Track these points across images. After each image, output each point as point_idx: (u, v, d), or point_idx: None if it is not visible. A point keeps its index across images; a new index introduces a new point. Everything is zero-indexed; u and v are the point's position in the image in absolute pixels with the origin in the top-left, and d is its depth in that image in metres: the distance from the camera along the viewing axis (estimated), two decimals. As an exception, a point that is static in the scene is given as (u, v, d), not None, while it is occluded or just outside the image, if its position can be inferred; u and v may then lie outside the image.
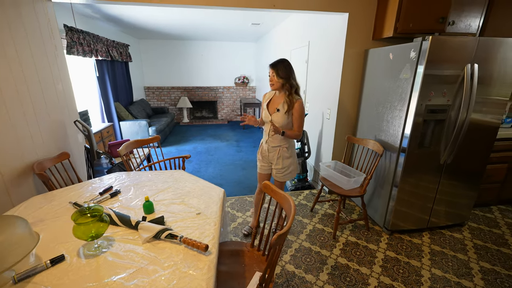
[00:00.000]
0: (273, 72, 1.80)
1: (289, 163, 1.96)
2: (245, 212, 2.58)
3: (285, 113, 1.81)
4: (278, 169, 1.98)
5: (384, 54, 2.17)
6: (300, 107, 1.80)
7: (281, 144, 1.92)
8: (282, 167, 1.96)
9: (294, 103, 1.79)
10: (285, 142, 1.92)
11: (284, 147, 1.93)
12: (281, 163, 1.95)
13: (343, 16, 2.41)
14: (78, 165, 2.24)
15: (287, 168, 1.97)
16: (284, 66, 1.80)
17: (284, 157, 1.94)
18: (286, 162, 1.95)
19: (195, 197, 1.43)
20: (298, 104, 1.80)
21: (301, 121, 1.84)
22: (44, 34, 1.88)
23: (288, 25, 4.14)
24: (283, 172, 1.98)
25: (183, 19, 4.34)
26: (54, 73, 1.98)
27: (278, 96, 1.90)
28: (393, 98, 2.06)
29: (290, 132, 1.84)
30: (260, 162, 2.08)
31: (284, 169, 1.97)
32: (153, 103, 7.23)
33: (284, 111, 1.81)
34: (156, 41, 6.70)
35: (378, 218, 2.35)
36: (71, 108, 2.20)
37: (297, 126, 1.84)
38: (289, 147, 1.94)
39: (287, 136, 1.84)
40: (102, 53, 4.25)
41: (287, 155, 1.94)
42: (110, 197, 1.41)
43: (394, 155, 2.10)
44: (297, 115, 1.81)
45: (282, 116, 1.82)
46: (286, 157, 1.94)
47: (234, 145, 5.25)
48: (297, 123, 1.84)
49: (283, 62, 1.82)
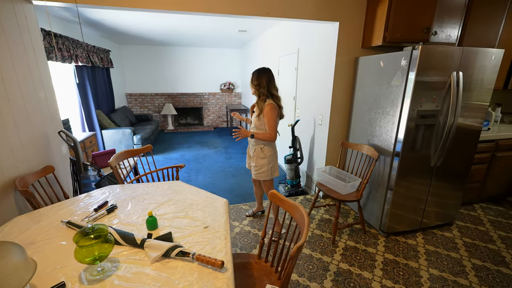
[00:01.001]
0: (251, 80, 2.07)
1: (262, 163, 2.13)
2: (242, 221, 2.53)
3: (257, 116, 2.05)
4: (253, 166, 2.20)
5: (374, 62, 2.25)
6: (269, 110, 1.99)
7: (257, 144, 2.13)
8: (255, 165, 2.16)
9: (263, 107, 2.01)
10: (260, 143, 2.12)
11: (259, 148, 2.13)
12: (255, 161, 2.16)
13: (334, 25, 2.48)
14: (63, 178, 2.08)
15: (260, 167, 2.14)
16: (257, 75, 2.04)
17: (258, 157, 2.13)
18: (259, 161, 2.13)
19: (199, 209, 1.37)
20: (267, 108, 1.99)
21: (271, 123, 2.00)
22: (24, 38, 1.74)
23: (276, 32, 4.20)
24: (256, 170, 2.17)
25: (167, 24, 4.25)
26: (36, 80, 1.84)
27: (257, 102, 2.11)
28: (385, 104, 2.13)
29: (261, 135, 2.04)
30: (247, 159, 2.36)
31: (257, 168, 2.16)
32: (135, 110, 6.97)
33: (256, 114, 2.06)
34: (138, 47, 6.51)
35: (374, 221, 2.39)
36: (55, 118, 2.05)
37: (268, 127, 2.03)
38: (263, 148, 2.12)
39: (257, 138, 2.05)
40: (83, 59, 4.04)
41: (261, 155, 2.12)
42: (106, 213, 1.31)
43: (388, 159, 2.16)
44: (267, 118, 2.01)
45: (256, 118, 2.08)
46: (260, 157, 2.13)
47: (223, 152, 5.17)
48: (267, 125, 2.03)
49: (258, 71, 2.06)
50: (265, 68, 2.07)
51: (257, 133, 2.05)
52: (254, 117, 2.10)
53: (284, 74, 4.01)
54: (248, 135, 2.04)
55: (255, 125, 2.10)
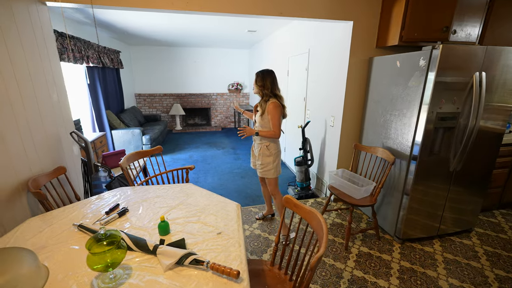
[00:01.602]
0: (255, 80, 2.11)
1: (268, 161, 2.14)
2: (252, 224, 2.49)
3: (261, 115, 2.08)
4: (258, 164, 2.20)
5: (390, 62, 2.18)
6: (272, 108, 2.02)
7: (263, 142, 2.14)
8: (261, 163, 2.17)
9: (266, 105, 2.05)
10: (265, 141, 2.13)
11: (265, 145, 2.14)
12: (261, 159, 2.17)
13: (348, 24, 2.41)
14: (74, 179, 2.08)
15: (266, 165, 2.15)
16: (261, 76, 2.08)
17: (264, 155, 2.14)
18: (265, 159, 2.14)
19: (211, 213, 1.33)
20: (270, 105, 2.02)
21: (275, 120, 2.03)
22: (38, 40, 1.75)
23: (286, 32, 4.14)
24: (262, 168, 2.18)
25: (176, 25, 4.26)
26: (49, 82, 1.84)
27: (260, 102, 2.15)
28: (402, 105, 2.06)
29: (266, 132, 2.07)
30: (251, 157, 2.36)
31: (263, 165, 2.16)
32: (144, 111, 7.03)
33: (260, 113, 2.09)
34: (147, 48, 6.56)
35: (388, 226, 2.31)
36: (67, 119, 2.06)
37: (272, 124, 2.06)
38: (269, 146, 2.13)
39: (262, 135, 2.08)
40: (93, 60, 4.08)
41: (267, 153, 2.14)
42: (118, 217, 1.29)
43: (404, 163, 2.08)
44: (270, 116, 2.04)
45: (259, 117, 2.12)
46: (266, 155, 2.14)
47: (231, 153, 5.15)
48: (271, 122, 2.05)
49: (262, 72, 2.10)
50: (269, 69, 2.13)
51: (261, 131, 2.08)
52: (258, 116, 2.13)
53: (294, 74, 3.95)
54: (252, 133, 2.09)
55: (259, 124, 2.13)
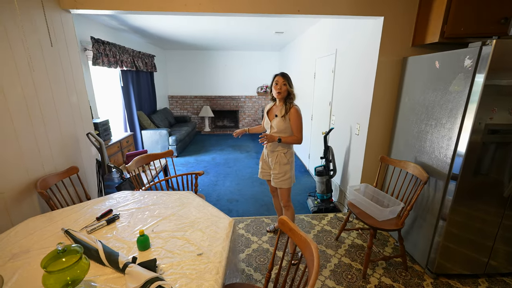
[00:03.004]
0: (284, 81, 1.91)
1: (286, 169, 1.98)
2: (261, 236, 2.33)
3: (282, 117, 1.91)
4: (274, 174, 2.01)
5: (428, 63, 1.85)
6: (295, 112, 1.90)
7: (279, 149, 1.98)
8: (278, 172, 1.99)
9: (290, 108, 1.91)
10: (283, 148, 1.97)
11: (282, 153, 1.97)
12: (277, 168, 1.99)
13: (377, 20, 2.13)
14: (90, 179, 2.17)
15: (283, 174, 1.98)
16: (289, 78, 1.95)
17: (282, 163, 1.98)
18: (282, 168, 1.98)
19: (199, 229, 1.23)
20: (294, 109, 1.90)
21: (298, 125, 1.90)
22: (60, 45, 1.85)
23: (314, 33, 3.91)
24: (279, 177, 2.00)
25: (206, 29, 4.31)
26: (69, 84, 1.94)
27: (276, 105, 2.02)
28: (440, 114, 1.72)
29: (289, 138, 1.91)
30: (261, 168, 2.18)
31: (280, 175, 1.99)
32: (176, 112, 7.33)
33: (281, 115, 1.92)
34: (181, 52, 6.83)
35: (418, 255, 1.97)
36: (86, 120, 2.15)
37: (295, 130, 1.91)
38: (287, 153, 1.98)
39: (284, 142, 1.91)
40: (127, 64, 4.34)
41: (285, 161, 1.97)
42: (106, 224, 1.26)
43: (441, 182, 1.74)
44: (293, 120, 1.90)
45: (280, 121, 1.92)
46: (283, 163, 1.97)
47: (254, 157, 5.04)
48: (294, 127, 1.91)
49: (288, 74, 1.96)
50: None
51: (285, 137, 1.90)
52: (277, 120, 1.94)
53: (320, 77, 3.70)
54: (275, 139, 1.89)
55: (279, 129, 1.93)
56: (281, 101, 1.96)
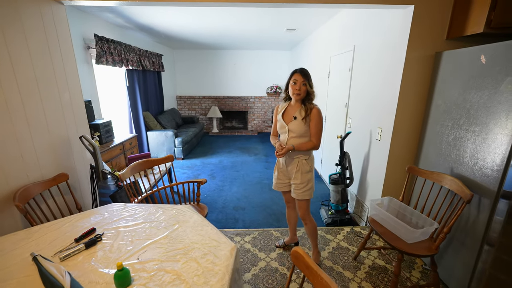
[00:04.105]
0: (303, 81, 1.66)
1: (308, 178, 1.75)
2: (270, 252, 2.09)
3: (302, 119, 1.68)
4: (296, 184, 1.77)
5: (470, 57, 1.56)
6: (318, 113, 1.68)
7: (300, 155, 1.73)
8: (300, 182, 1.75)
9: (311, 109, 1.68)
10: (304, 153, 1.73)
11: (303, 159, 1.74)
12: (299, 177, 1.74)
13: (406, 10, 1.85)
14: (85, 187, 2.00)
15: (306, 183, 1.75)
16: (310, 77, 1.70)
17: (304, 171, 1.74)
18: (305, 176, 1.74)
19: (194, 258, 1.01)
20: (316, 110, 1.68)
21: (319, 129, 1.68)
22: (50, 39, 1.68)
23: (329, 29, 3.64)
24: (302, 188, 1.75)
25: (215, 27, 4.12)
26: (60, 82, 1.77)
27: (292, 106, 1.77)
28: (487, 118, 1.43)
29: (305, 144, 1.68)
30: (276, 179, 1.90)
31: (303, 185, 1.75)
32: (183, 112, 7.19)
33: (301, 118, 1.68)
34: (189, 51, 6.69)
35: (454, 284, 1.67)
36: (80, 121, 1.98)
37: (314, 133, 1.68)
38: (308, 160, 1.75)
39: (299, 149, 1.68)
40: (133, 63, 4.20)
41: (307, 168, 1.74)
42: (84, 248, 1.06)
43: (486, 200, 1.45)
44: (315, 122, 1.67)
45: (300, 123, 1.69)
46: (305, 171, 1.74)
47: (263, 160, 4.81)
48: (314, 130, 1.68)
49: (308, 72, 1.70)
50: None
51: (299, 145, 1.68)
52: (297, 123, 1.69)
53: (335, 76, 3.42)
54: (290, 149, 1.66)
55: (299, 133, 1.69)
56: (298, 102, 1.72)
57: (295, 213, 2.07)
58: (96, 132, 2.94)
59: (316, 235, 1.91)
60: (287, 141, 1.73)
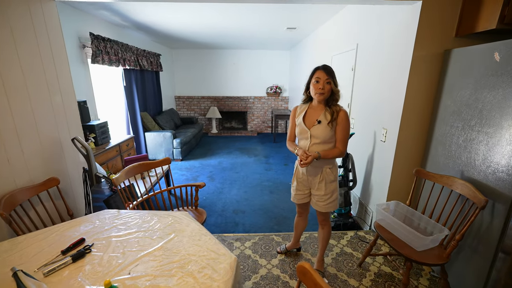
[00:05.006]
0: (327, 79, 1.48)
1: (333, 188, 1.61)
2: (271, 259, 2.01)
3: (328, 124, 1.50)
4: (319, 195, 1.61)
5: (482, 55, 1.48)
6: (346, 117, 1.51)
7: (324, 164, 1.57)
8: (324, 193, 1.59)
9: (338, 112, 1.50)
10: (330, 163, 1.58)
11: (328, 168, 1.58)
12: (323, 188, 1.59)
13: (414, 5, 1.78)
14: (78, 192, 1.91)
15: (331, 194, 1.60)
16: (334, 73, 1.51)
17: (328, 181, 1.58)
18: (330, 187, 1.59)
19: (190, 273, 0.92)
20: (343, 113, 1.51)
21: (346, 134, 1.53)
22: (40, 38, 1.59)
23: (330, 27, 3.56)
24: (326, 200, 1.60)
25: (214, 26, 4.04)
26: (51, 83, 1.68)
27: (314, 108, 1.58)
28: (501, 119, 1.36)
29: (331, 152, 1.52)
30: (296, 190, 1.72)
31: (327, 196, 1.60)
32: (182, 113, 7.11)
33: (327, 122, 1.50)
34: (188, 51, 6.60)
35: (465, 293, 1.60)
36: (73, 123, 1.90)
37: (340, 139, 1.52)
38: (333, 168, 1.60)
39: (325, 157, 1.50)
40: (130, 63, 4.11)
41: (332, 178, 1.59)
42: (71, 262, 0.97)
43: (501, 206, 1.37)
44: (342, 127, 1.51)
45: (325, 128, 1.50)
46: (330, 181, 1.59)
47: (263, 161, 4.73)
48: (341, 136, 1.51)
49: (332, 69, 1.52)
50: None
51: (325, 152, 1.50)
52: (321, 127, 1.51)
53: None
54: (315, 157, 1.46)
55: (324, 139, 1.51)
56: (321, 103, 1.55)
57: (305, 223, 1.93)
58: (91, 133, 2.86)
59: (328, 242, 1.80)
60: (309, 147, 1.55)
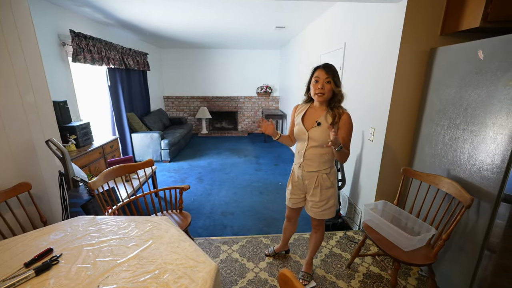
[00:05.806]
0: (327, 78, 1.39)
1: (329, 195, 1.53)
2: (259, 262, 1.96)
3: (332, 125, 1.40)
4: (314, 201, 1.54)
5: (466, 53, 1.48)
6: (349, 120, 1.42)
7: (321, 168, 1.48)
8: (319, 199, 1.52)
9: (340, 115, 1.41)
10: (327, 166, 1.48)
11: (324, 173, 1.49)
12: (318, 194, 1.52)
13: (399, 4, 1.76)
14: (53, 197, 1.81)
15: (326, 201, 1.53)
16: (337, 73, 1.42)
17: (324, 187, 1.51)
18: (325, 193, 1.52)
19: (165, 284, 0.86)
20: (346, 116, 1.42)
21: (350, 137, 1.44)
22: (7, 35, 1.49)
23: (318, 26, 3.54)
24: (321, 206, 1.53)
25: (203, 26, 3.96)
26: (22, 82, 1.58)
27: (315, 108, 1.51)
28: (486, 118, 1.35)
29: (347, 153, 1.42)
30: (291, 194, 1.66)
31: (322, 203, 1.52)
32: (172, 113, 6.97)
33: (331, 123, 1.40)
34: (177, 50, 6.48)
35: (452, 292, 1.59)
36: (47, 124, 1.79)
37: (347, 142, 1.42)
38: (330, 174, 1.51)
39: (343, 154, 1.37)
40: (115, 61, 3.98)
41: (328, 184, 1.51)
42: (35, 275, 0.90)
43: (486, 204, 1.37)
44: (346, 130, 1.41)
45: (325, 131, 1.41)
46: (326, 187, 1.51)
47: (253, 162, 4.68)
48: (347, 139, 1.41)
49: (334, 67, 1.42)
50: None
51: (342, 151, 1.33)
52: (320, 129, 1.42)
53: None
54: (337, 146, 1.27)
55: (321, 142, 1.41)
56: (323, 104, 1.47)
57: (294, 228, 1.87)
58: (72, 135, 2.73)
59: (319, 246, 1.75)
60: (306, 150, 1.47)
